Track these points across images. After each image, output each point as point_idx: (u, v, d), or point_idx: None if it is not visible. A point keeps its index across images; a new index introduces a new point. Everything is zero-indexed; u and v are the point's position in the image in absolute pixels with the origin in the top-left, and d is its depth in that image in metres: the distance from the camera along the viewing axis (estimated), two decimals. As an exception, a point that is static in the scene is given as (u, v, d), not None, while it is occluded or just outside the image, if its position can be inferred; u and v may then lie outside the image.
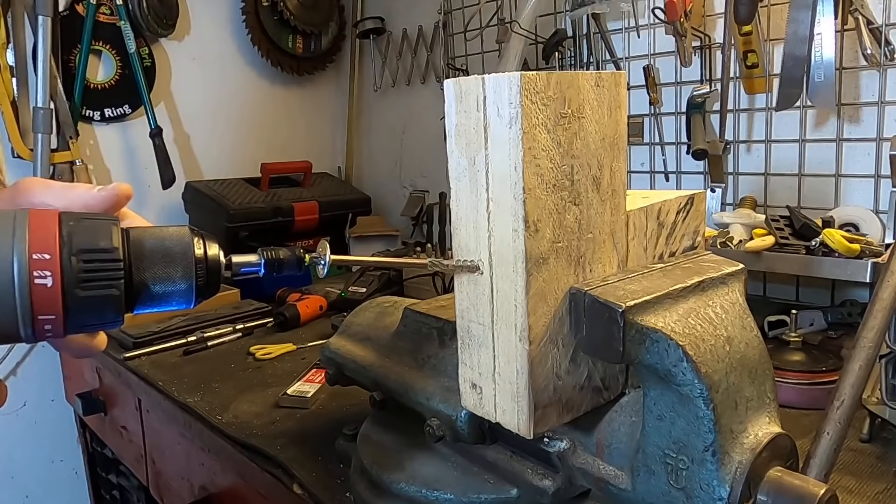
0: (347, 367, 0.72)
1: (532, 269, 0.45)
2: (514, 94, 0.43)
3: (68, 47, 1.55)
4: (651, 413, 0.46)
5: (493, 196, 0.47)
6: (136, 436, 1.22)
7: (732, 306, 0.48)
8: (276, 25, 1.83)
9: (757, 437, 0.44)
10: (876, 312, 0.60)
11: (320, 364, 0.85)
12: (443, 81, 1.32)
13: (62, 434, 1.69)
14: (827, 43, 0.99)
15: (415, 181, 1.90)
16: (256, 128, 1.90)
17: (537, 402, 0.48)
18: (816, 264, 0.91)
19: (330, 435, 0.80)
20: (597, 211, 0.49)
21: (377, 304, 0.78)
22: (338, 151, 2.09)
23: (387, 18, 1.84)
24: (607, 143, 0.49)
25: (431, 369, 0.62)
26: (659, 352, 0.43)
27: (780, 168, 1.14)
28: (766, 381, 0.47)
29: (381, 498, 0.62)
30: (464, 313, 0.51)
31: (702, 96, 1.15)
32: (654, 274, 0.50)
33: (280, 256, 0.45)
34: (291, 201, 1.64)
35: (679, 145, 1.25)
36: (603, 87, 0.48)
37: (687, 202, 0.58)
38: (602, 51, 1.33)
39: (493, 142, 0.46)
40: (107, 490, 1.55)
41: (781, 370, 0.84)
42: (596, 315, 0.46)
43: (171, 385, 1.02)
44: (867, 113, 1.03)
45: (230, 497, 0.95)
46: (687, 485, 0.44)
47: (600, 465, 0.51)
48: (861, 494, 0.66)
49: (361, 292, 1.38)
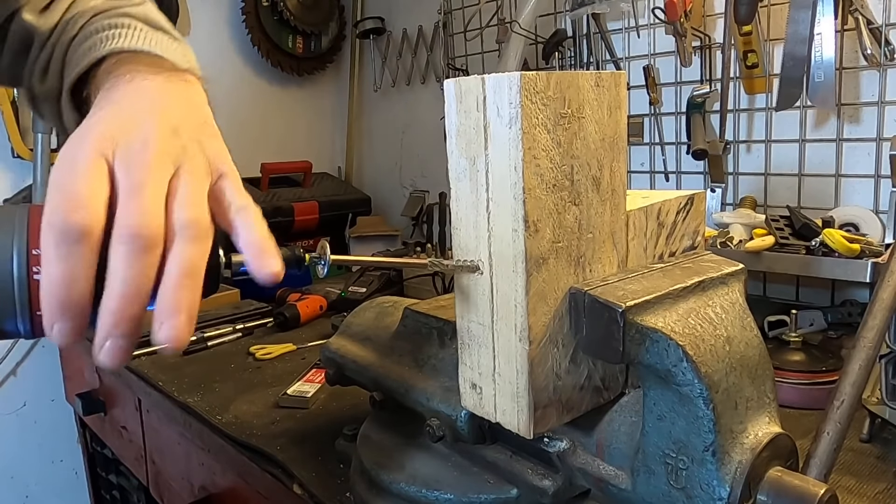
0: (347, 367, 0.72)
1: (532, 269, 0.45)
2: (513, 94, 0.43)
3: (68, 47, 1.54)
4: (651, 413, 0.46)
5: (493, 196, 0.47)
6: (136, 436, 1.22)
7: (732, 306, 0.48)
8: (276, 25, 1.83)
9: (757, 437, 0.44)
10: (876, 312, 0.60)
11: (320, 364, 0.85)
12: (443, 81, 1.32)
13: (62, 434, 1.69)
14: (827, 43, 0.99)
15: (415, 181, 1.90)
16: (256, 128, 1.90)
17: (537, 402, 0.48)
18: (816, 264, 0.91)
19: (330, 435, 0.80)
20: (597, 211, 0.49)
21: (377, 304, 0.78)
22: (338, 151, 2.09)
23: (387, 18, 1.84)
24: (607, 143, 0.49)
25: (431, 369, 0.62)
26: (659, 352, 0.43)
27: (780, 168, 1.14)
28: (766, 381, 0.47)
29: (380, 498, 0.62)
30: (464, 313, 0.51)
31: (702, 96, 1.15)
32: (654, 274, 0.50)
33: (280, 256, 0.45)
34: (291, 201, 1.64)
35: (679, 145, 1.25)
36: (603, 87, 0.48)
37: (687, 202, 0.58)
38: (602, 51, 1.33)
39: (493, 142, 0.46)
40: (107, 490, 1.55)
41: (781, 370, 0.84)
42: (596, 315, 0.46)
43: (171, 385, 1.02)
44: (867, 113, 1.03)
45: (230, 497, 0.95)
46: (687, 485, 0.44)
47: (600, 465, 0.51)
48: (861, 494, 0.66)
49: (361, 292, 1.38)
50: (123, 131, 0.41)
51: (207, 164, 0.43)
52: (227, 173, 0.44)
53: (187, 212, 0.39)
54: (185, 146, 0.42)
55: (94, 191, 0.37)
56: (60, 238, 0.36)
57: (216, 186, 0.43)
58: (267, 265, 0.41)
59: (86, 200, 0.37)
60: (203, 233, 0.39)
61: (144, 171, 0.39)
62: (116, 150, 0.39)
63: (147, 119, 0.42)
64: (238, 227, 0.43)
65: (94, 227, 0.36)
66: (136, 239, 0.37)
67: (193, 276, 0.38)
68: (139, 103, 0.45)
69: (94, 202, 0.37)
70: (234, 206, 0.43)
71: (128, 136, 0.40)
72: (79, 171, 0.38)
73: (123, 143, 0.40)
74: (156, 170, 0.39)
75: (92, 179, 0.38)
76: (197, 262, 0.39)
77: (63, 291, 0.36)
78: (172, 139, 0.42)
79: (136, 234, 0.37)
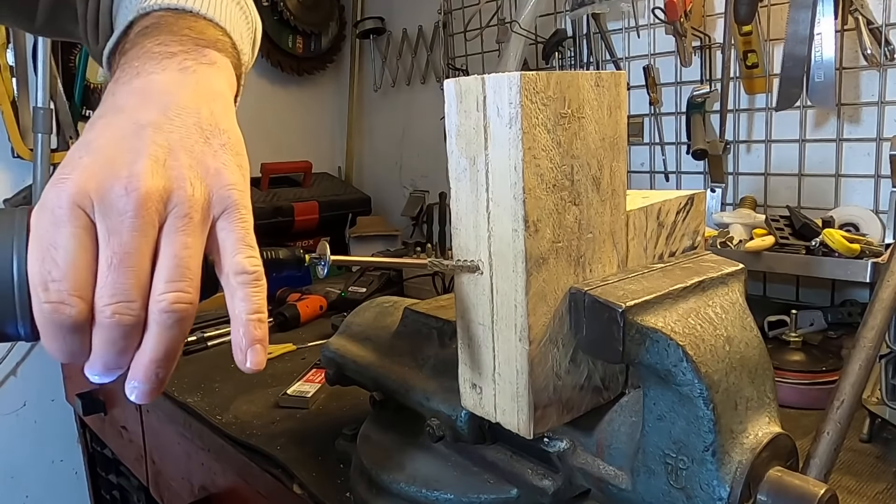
0: (347, 367, 0.72)
1: (532, 269, 0.45)
2: (513, 94, 0.43)
3: (68, 47, 1.54)
4: (651, 413, 0.46)
5: (493, 196, 0.47)
6: (136, 436, 1.22)
7: (732, 306, 0.48)
8: (276, 25, 1.83)
9: (757, 437, 0.44)
10: (876, 312, 0.60)
11: (320, 364, 0.85)
12: (443, 81, 1.32)
13: (62, 434, 1.69)
14: (827, 43, 0.99)
15: (415, 181, 1.90)
16: (256, 128, 1.90)
17: (537, 402, 0.48)
18: (816, 264, 0.91)
19: (330, 435, 0.80)
20: (597, 211, 0.49)
21: (377, 304, 0.78)
22: (338, 151, 2.09)
23: (387, 18, 1.83)
24: (607, 143, 0.49)
25: (431, 369, 0.62)
26: (659, 352, 0.43)
27: (780, 168, 1.13)
28: (766, 381, 0.47)
29: (380, 498, 0.62)
30: (464, 313, 0.51)
31: (702, 96, 1.15)
32: (654, 274, 0.50)
33: (280, 256, 0.46)
34: (291, 201, 1.64)
35: (679, 145, 1.25)
36: (603, 87, 0.48)
37: (687, 202, 0.58)
38: (602, 51, 1.33)
39: (493, 142, 0.46)
40: (107, 490, 1.55)
41: (781, 370, 0.84)
42: (596, 315, 0.46)
43: (171, 385, 1.02)
44: (867, 113, 1.03)
45: (230, 497, 0.95)
46: (687, 485, 0.44)
47: (600, 465, 0.51)
48: (861, 494, 0.66)
49: (361, 292, 1.38)
50: (108, 176, 0.37)
51: (204, 199, 0.39)
52: (231, 205, 0.40)
53: (168, 292, 0.37)
54: (180, 177, 0.38)
55: (80, 267, 0.36)
56: (56, 331, 0.36)
57: (214, 233, 0.40)
58: (250, 358, 0.39)
59: (73, 283, 0.36)
60: (182, 316, 0.38)
61: (124, 237, 0.36)
62: (97, 203, 0.37)
63: (137, 149, 0.38)
64: (231, 294, 0.40)
65: (83, 316, 0.36)
66: (116, 327, 0.36)
67: (166, 360, 0.39)
68: (135, 116, 0.40)
69: (82, 283, 0.36)
70: (229, 265, 0.39)
71: (111, 181, 0.37)
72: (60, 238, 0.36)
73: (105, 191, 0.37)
74: (138, 233, 0.36)
75: (76, 250, 0.36)
76: (171, 348, 0.38)
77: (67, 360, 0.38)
78: (163, 172, 0.38)
79: (115, 323, 0.36)
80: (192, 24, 0.50)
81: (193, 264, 0.38)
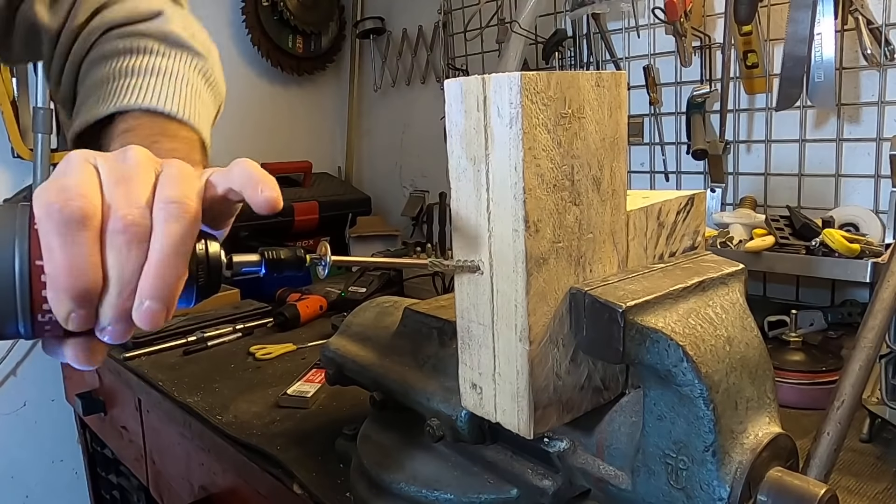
0: (347, 367, 0.72)
1: (532, 269, 0.45)
2: (514, 95, 0.43)
3: (68, 47, 1.54)
4: (651, 413, 0.46)
5: (493, 196, 0.47)
6: (136, 436, 1.22)
7: (732, 306, 0.48)
8: (276, 25, 1.83)
9: (757, 437, 0.44)
10: (876, 312, 0.60)
11: (320, 364, 0.85)
12: (443, 81, 1.32)
13: (62, 434, 1.69)
14: (827, 43, 0.99)
15: (415, 181, 1.90)
16: (256, 128, 1.90)
17: (537, 402, 0.48)
18: (816, 264, 0.91)
19: (330, 435, 0.80)
20: (597, 211, 0.49)
21: (377, 304, 0.78)
22: (338, 151, 2.09)
23: (387, 18, 1.84)
24: (607, 143, 0.49)
25: (431, 369, 0.62)
26: (659, 352, 0.43)
27: (780, 168, 1.14)
28: (766, 381, 0.47)
29: (380, 498, 0.62)
30: (464, 313, 0.51)
31: (702, 96, 1.15)
32: (654, 274, 0.50)
33: (281, 256, 0.45)
34: (291, 201, 1.64)
35: (679, 145, 1.25)
36: (603, 87, 0.48)
37: (687, 202, 0.58)
38: (602, 51, 1.33)
39: (494, 142, 0.46)
40: (107, 490, 1.55)
41: (781, 370, 0.84)
42: (596, 315, 0.46)
43: (171, 385, 1.02)
44: (867, 113, 1.03)
45: (230, 497, 0.95)
46: (687, 485, 0.44)
47: (600, 465, 0.51)
48: (861, 494, 0.66)
49: (361, 292, 1.38)
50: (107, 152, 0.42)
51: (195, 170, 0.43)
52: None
53: (170, 191, 0.39)
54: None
55: (88, 182, 0.38)
56: (63, 227, 0.36)
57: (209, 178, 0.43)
58: (265, 191, 0.42)
59: (82, 189, 0.37)
60: (187, 210, 0.39)
61: (129, 161, 0.40)
62: (101, 159, 0.40)
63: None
64: (231, 169, 0.43)
65: (93, 213, 0.37)
66: (125, 230, 0.37)
67: (176, 256, 0.38)
68: None
69: (91, 191, 0.37)
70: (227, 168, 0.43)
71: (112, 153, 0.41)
72: (70, 171, 0.38)
73: (109, 156, 0.41)
74: (140, 167, 0.40)
75: (84, 174, 0.38)
76: (179, 241, 0.38)
77: (70, 280, 0.36)
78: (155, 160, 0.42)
79: (125, 226, 0.37)
80: (165, 127, 0.58)
81: (191, 185, 0.41)
